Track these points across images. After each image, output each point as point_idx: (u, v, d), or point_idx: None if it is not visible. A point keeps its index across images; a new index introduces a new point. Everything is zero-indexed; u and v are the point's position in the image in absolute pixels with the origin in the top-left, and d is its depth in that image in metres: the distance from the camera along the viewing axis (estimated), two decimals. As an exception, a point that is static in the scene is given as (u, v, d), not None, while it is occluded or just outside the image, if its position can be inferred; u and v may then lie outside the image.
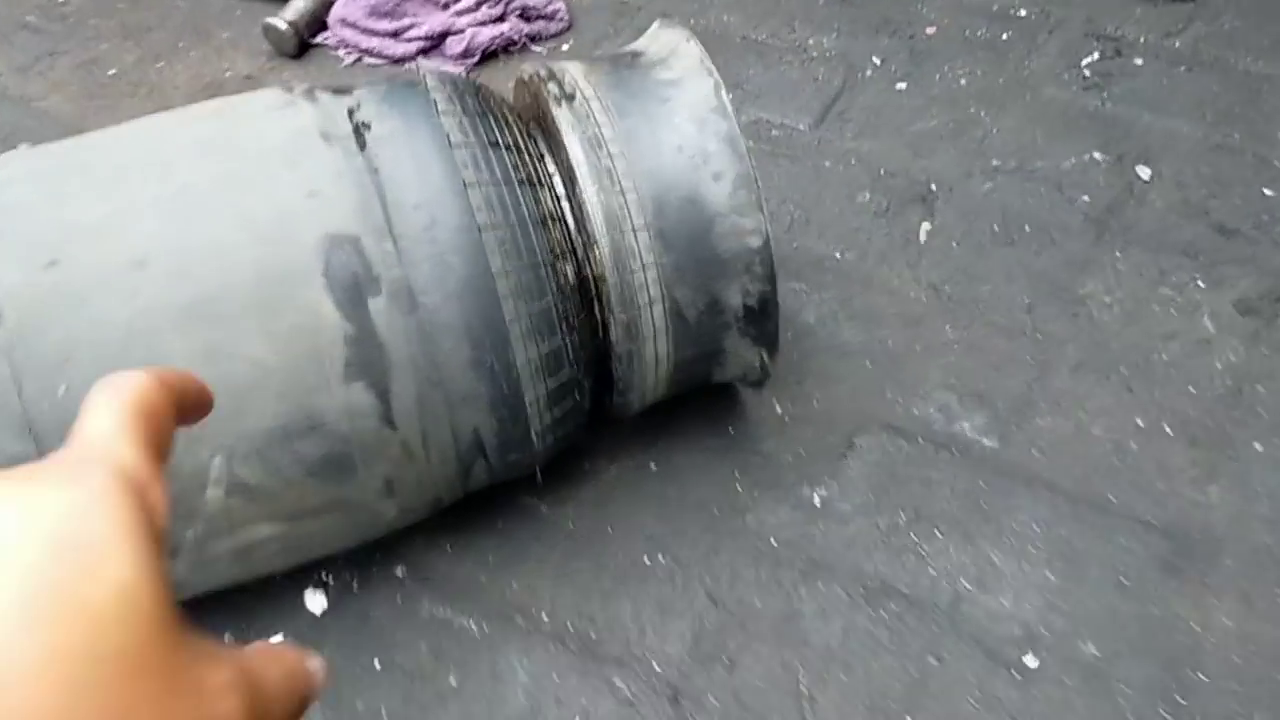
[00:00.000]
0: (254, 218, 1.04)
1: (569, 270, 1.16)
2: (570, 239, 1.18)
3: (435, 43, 1.97)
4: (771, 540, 1.32)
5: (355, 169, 1.08)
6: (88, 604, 0.29)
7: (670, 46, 1.27)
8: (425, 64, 1.96)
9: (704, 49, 1.23)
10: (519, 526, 1.34)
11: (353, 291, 1.05)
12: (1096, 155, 1.77)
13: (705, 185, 1.18)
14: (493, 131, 1.15)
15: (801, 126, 1.85)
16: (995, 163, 1.77)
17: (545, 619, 1.26)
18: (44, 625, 0.29)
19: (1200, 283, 1.58)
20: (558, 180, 1.20)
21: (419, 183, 1.08)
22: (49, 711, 0.28)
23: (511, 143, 1.16)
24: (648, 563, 1.31)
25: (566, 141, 1.18)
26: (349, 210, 1.06)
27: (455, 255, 1.08)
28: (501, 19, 2.01)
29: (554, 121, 1.19)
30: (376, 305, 1.05)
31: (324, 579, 1.29)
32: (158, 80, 1.99)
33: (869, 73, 1.94)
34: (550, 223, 1.16)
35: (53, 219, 1.03)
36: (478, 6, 1.99)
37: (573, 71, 1.25)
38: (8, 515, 0.31)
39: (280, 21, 1.94)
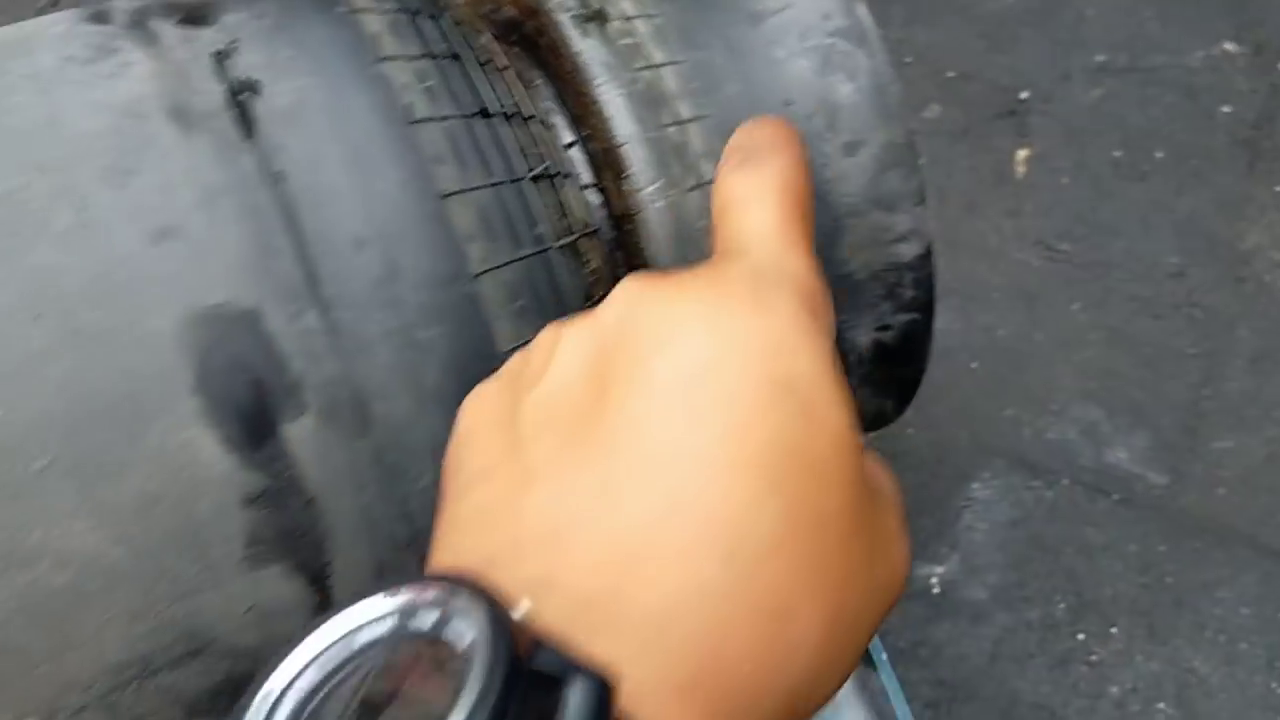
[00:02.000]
0: (53, 297, 0.54)
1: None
2: (609, 263, 0.71)
3: None
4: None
5: (239, 178, 0.57)
6: (815, 460, 0.27)
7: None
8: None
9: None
10: None
11: (251, 414, 0.56)
12: (1229, 46, 1.34)
13: (833, 163, 0.71)
14: (476, 87, 0.65)
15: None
16: (1100, 58, 1.33)
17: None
18: (784, 487, 0.26)
19: (1394, 227, 1.19)
20: (575, 155, 0.71)
21: (360, 196, 0.58)
22: (791, 590, 0.25)
23: (512, 105, 0.66)
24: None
25: (602, 98, 0.68)
26: (233, 261, 0.55)
27: (435, 325, 0.60)
28: None
29: (576, 61, 0.69)
30: (297, 432, 0.57)
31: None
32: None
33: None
34: (584, 244, 0.68)
35: None
36: None
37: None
38: (708, 344, 0.28)
39: None
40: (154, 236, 0.58)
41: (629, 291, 0.32)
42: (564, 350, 0.34)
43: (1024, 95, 1.29)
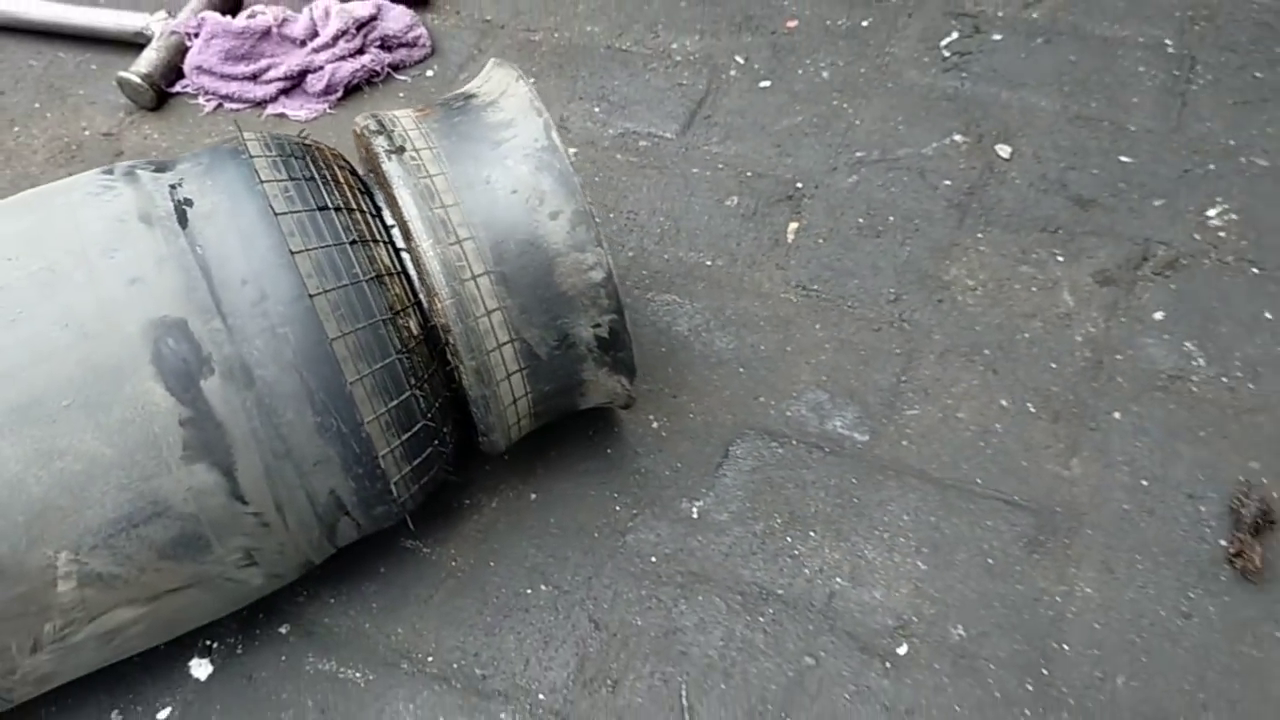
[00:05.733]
0: (75, 313, 1.04)
1: (413, 324, 1.18)
2: (412, 292, 1.20)
3: (295, 82, 1.97)
4: (651, 558, 1.35)
5: (178, 250, 1.08)
6: None
7: (501, 87, 1.28)
8: (287, 104, 1.95)
9: (533, 88, 1.24)
10: (401, 570, 1.36)
11: (183, 375, 1.06)
12: (957, 137, 1.80)
13: (543, 225, 1.20)
14: (320, 194, 1.16)
15: (669, 135, 1.87)
16: (859, 154, 1.80)
17: (430, 660, 1.28)
18: None
19: (1060, 257, 1.61)
20: (396, 234, 1.21)
21: (245, 256, 1.09)
22: None
23: (342, 203, 1.17)
24: (530, 593, 1.33)
25: (398, 195, 1.19)
26: (173, 294, 1.06)
27: (288, 326, 1.09)
28: (361, 51, 2.01)
29: (386, 176, 1.20)
30: (210, 386, 1.06)
31: (208, 645, 1.30)
32: (15, 145, 1.97)
33: (733, 73, 1.96)
34: (388, 279, 1.17)
35: None
36: (335, 42, 1.99)
37: (404, 121, 1.26)
38: None
39: (134, 75, 1.93)
40: (130, 281, 1.09)
41: None
42: None
43: (800, 185, 1.76)
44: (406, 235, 1.19)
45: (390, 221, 1.22)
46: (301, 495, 1.13)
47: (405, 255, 1.20)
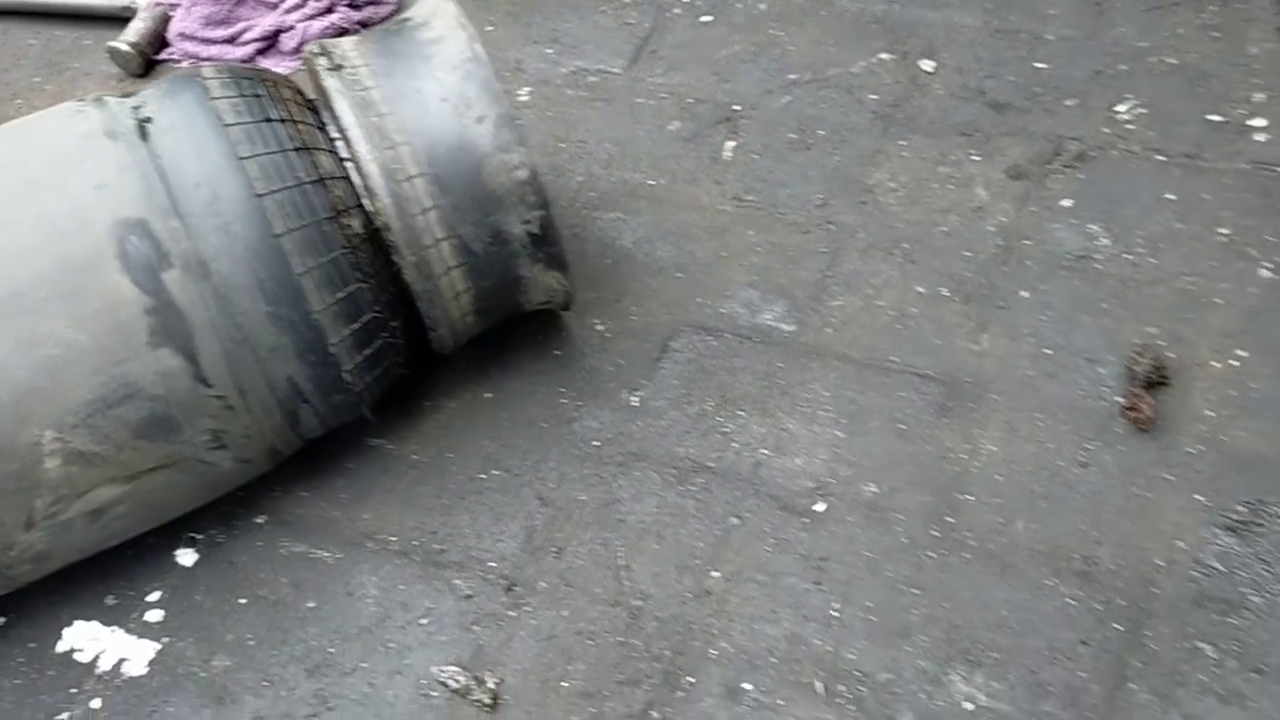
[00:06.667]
0: (50, 216, 1.18)
1: (356, 223, 1.30)
2: (355, 194, 1.32)
3: (270, 42, 2.10)
4: (594, 442, 1.47)
5: (139, 160, 1.21)
6: None
7: (432, 9, 1.40)
8: (264, 63, 2.08)
9: (460, 7, 1.37)
10: (367, 465, 1.48)
11: (147, 269, 1.19)
12: (884, 56, 1.90)
13: (471, 129, 1.32)
14: (266, 109, 1.28)
15: (616, 69, 1.98)
16: (792, 77, 1.90)
17: (393, 539, 1.41)
18: None
19: (976, 157, 1.72)
20: (341, 144, 1.34)
21: (198, 164, 1.22)
22: None
23: (286, 116, 1.30)
24: (484, 478, 1.45)
25: (337, 107, 1.31)
26: (136, 197, 1.20)
27: (239, 223, 1.22)
28: (330, 10, 2.13)
29: (326, 91, 1.33)
30: (171, 278, 1.19)
31: (193, 537, 1.43)
32: (17, 115, 2.11)
33: (677, 11, 2.07)
34: (331, 182, 1.29)
35: None
36: (305, 2, 2.11)
37: (345, 45, 1.39)
38: None
39: (122, 44, 2.07)
40: (97, 188, 1.22)
41: None
42: None
43: (737, 108, 1.87)
44: (347, 143, 1.31)
45: (335, 135, 1.35)
46: (260, 380, 1.25)
47: (349, 165, 1.33)
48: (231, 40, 2.09)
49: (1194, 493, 1.31)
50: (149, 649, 1.34)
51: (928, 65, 1.87)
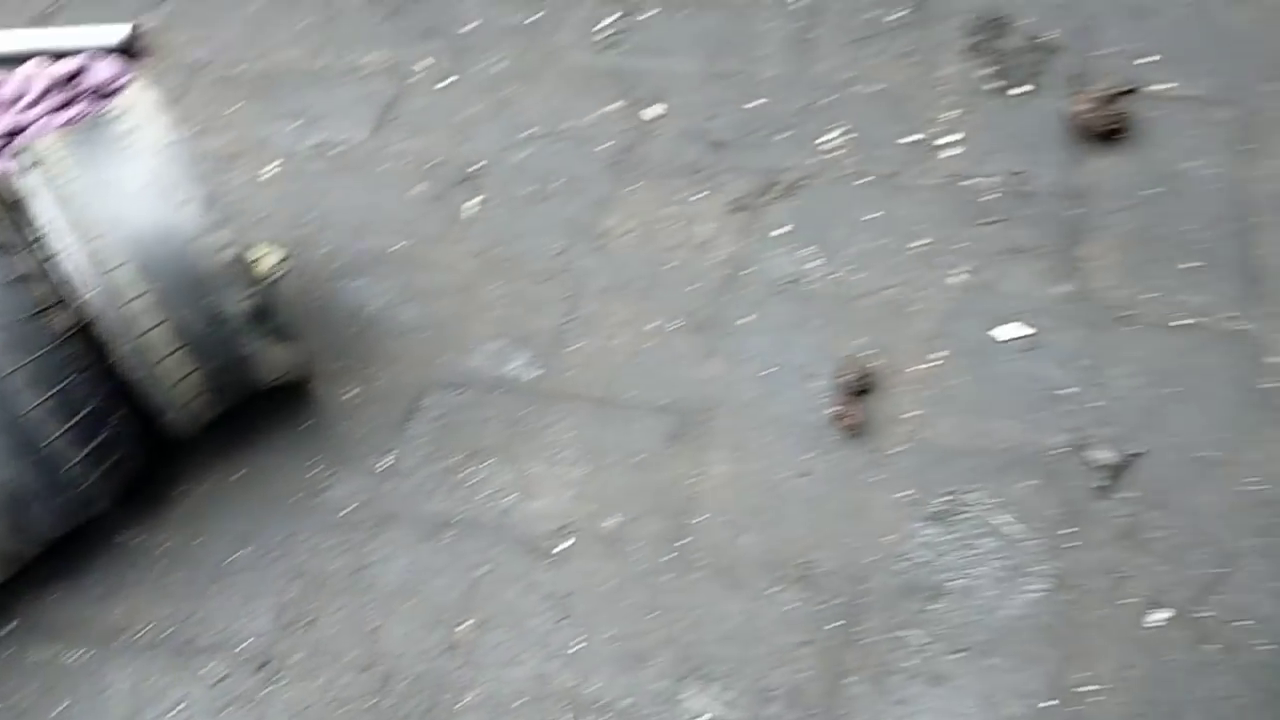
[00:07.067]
0: None
1: (62, 318, 1.30)
2: (58, 291, 1.32)
3: (7, 141, 2.06)
4: (345, 509, 1.49)
5: None
6: None
7: (131, 100, 1.42)
8: (4, 163, 2.04)
9: (159, 95, 1.39)
10: (118, 559, 1.47)
11: None
12: (614, 106, 2.00)
13: (174, 214, 1.34)
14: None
15: (360, 138, 2.02)
16: (529, 132, 1.98)
17: (143, 633, 1.40)
18: None
19: (699, 195, 1.82)
20: (43, 241, 1.34)
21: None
22: None
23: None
24: (235, 559, 1.46)
25: (35, 205, 1.32)
26: None
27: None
28: (71, 104, 2.11)
29: (23, 190, 1.33)
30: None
31: (-68, 654, 1.40)
32: None
33: (418, 77, 2.13)
34: (30, 281, 1.29)
35: None
36: (43, 98, 2.08)
37: (47, 141, 1.39)
38: None
39: None
40: None
41: None
42: None
43: (477, 165, 1.94)
44: (48, 239, 1.32)
45: (40, 231, 1.34)
46: (-27, 491, 1.24)
47: (53, 260, 1.33)
48: (-38, 142, 2.04)
49: (900, 489, 1.42)
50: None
51: (654, 111, 1.97)
